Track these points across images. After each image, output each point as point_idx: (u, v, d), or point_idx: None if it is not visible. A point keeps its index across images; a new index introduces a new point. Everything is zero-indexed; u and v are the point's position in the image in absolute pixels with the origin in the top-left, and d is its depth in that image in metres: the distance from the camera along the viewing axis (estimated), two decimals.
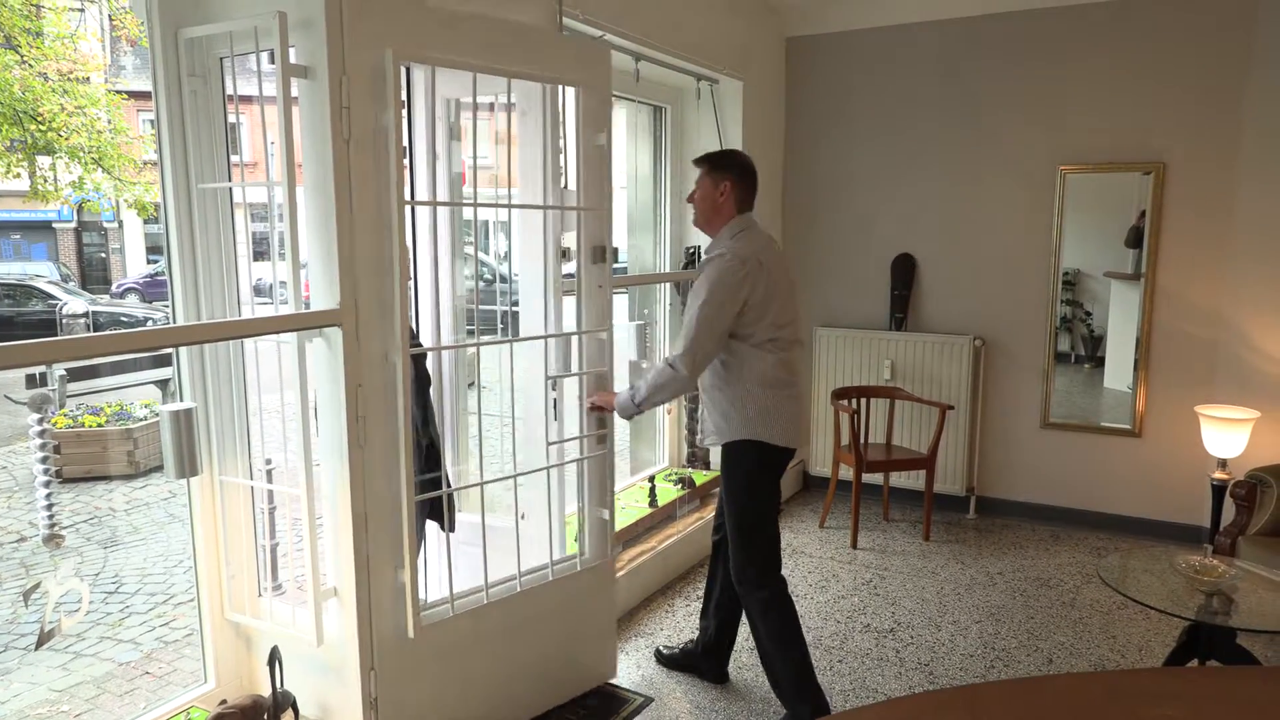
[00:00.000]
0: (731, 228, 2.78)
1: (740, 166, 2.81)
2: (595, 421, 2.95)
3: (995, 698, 1.12)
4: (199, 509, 2.56)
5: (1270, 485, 3.47)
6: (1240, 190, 4.19)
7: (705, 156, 2.87)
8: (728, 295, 2.64)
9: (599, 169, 2.87)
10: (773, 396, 2.72)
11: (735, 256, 2.67)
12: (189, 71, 2.38)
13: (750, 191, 2.82)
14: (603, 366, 2.93)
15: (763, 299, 2.68)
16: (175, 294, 2.44)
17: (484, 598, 2.65)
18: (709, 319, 2.65)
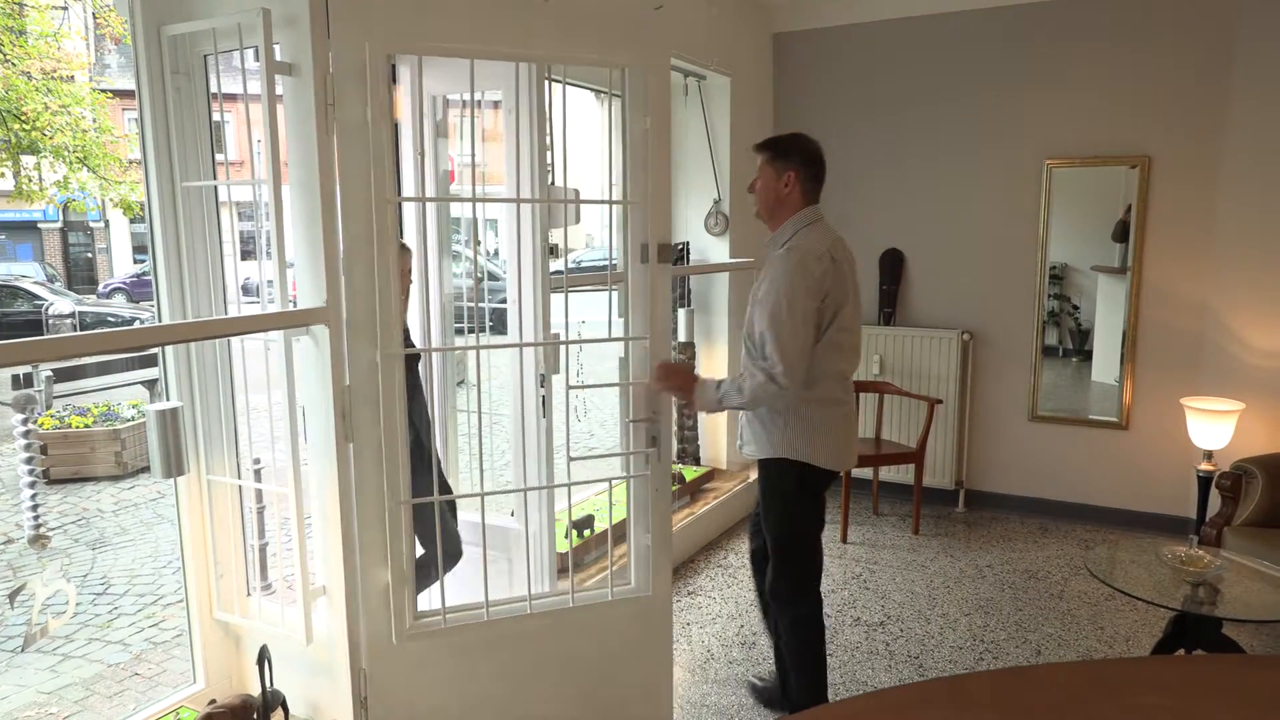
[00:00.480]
0: (797, 221, 2.55)
1: (806, 154, 2.56)
2: (645, 437, 2.56)
3: (980, 688, 1.13)
4: (186, 509, 2.55)
5: (1255, 476, 3.49)
6: (1223, 184, 4.22)
7: (767, 143, 2.63)
8: (807, 294, 2.40)
9: (644, 158, 2.47)
10: (821, 413, 2.51)
11: (807, 252, 2.44)
12: (173, 69, 2.37)
13: (818, 181, 2.58)
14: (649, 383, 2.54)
15: (835, 300, 2.45)
16: (160, 293, 2.43)
17: (484, 614, 2.46)
18: (799, 320, 2.39)
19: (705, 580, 4.00)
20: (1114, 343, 4.60)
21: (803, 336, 2.39)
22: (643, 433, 2.57)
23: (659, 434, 2.58)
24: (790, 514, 2.62)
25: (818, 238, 2.50)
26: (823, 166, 2.58)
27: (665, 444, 2.59)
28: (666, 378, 2.50)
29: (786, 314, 2.38)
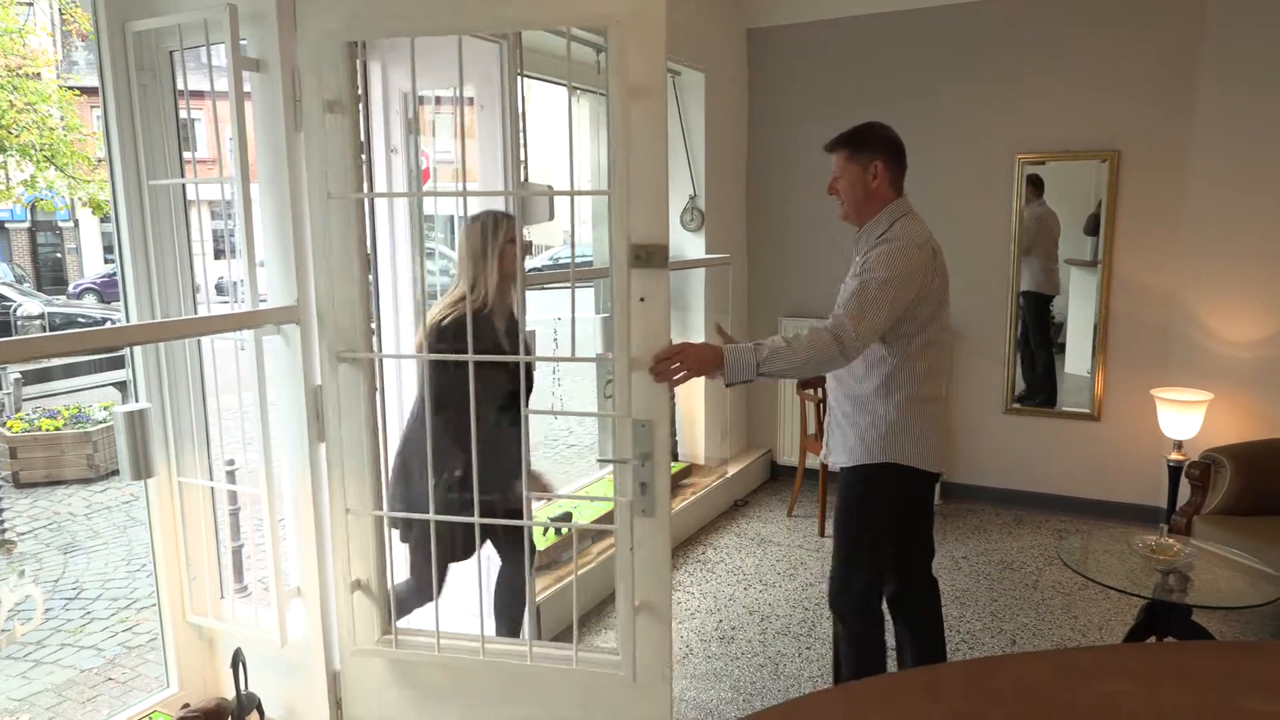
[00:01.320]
0: (891, 211, 2.38)
1: (888, 141, 2.43)
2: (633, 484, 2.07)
3: (951, 679, 1.14)
4: (157, 511, 2.52)
5: (1223, 465, 3.55)
6: (1191, 177, 4.28)
7: (842, 139, 2.44)
8: (908, 280, 2.24)
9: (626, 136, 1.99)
10: (925, 411, 2.37)
11: (910, 242, 2.29)
12: (138, 65, 2.34)
13: (903, 169, 2.46)
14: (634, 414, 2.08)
15: (931, 291, 2.32)
16: (128, 293, 2.40)
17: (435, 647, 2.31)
18: (890, 298, 2.20)
19: (684, 576, 4.01)
20: (1086, 335, 4.65)
21: (885, 316, 2.21)
22: (628, 476, 2.07)
23: (651, 479, 2.07)
24: (871, 522, 2.43)
25: (919, 228, 2.36)
26: (904, 153, 2.46)
27: (662, 492, 2.09)
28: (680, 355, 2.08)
29: (876, 289, 2.20)
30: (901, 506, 2.46)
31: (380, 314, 3.11)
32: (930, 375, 2.37)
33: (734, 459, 5.11)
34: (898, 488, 2.41)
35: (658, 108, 1.99)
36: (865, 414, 2.38)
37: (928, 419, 2.38)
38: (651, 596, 2.14)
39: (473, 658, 2.28)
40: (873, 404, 2.37)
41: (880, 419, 2.36)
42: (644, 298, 2.05)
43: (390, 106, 2.88)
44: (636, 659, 2.14)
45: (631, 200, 2.01)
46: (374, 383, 2.28)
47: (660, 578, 2.15)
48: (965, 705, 1.06)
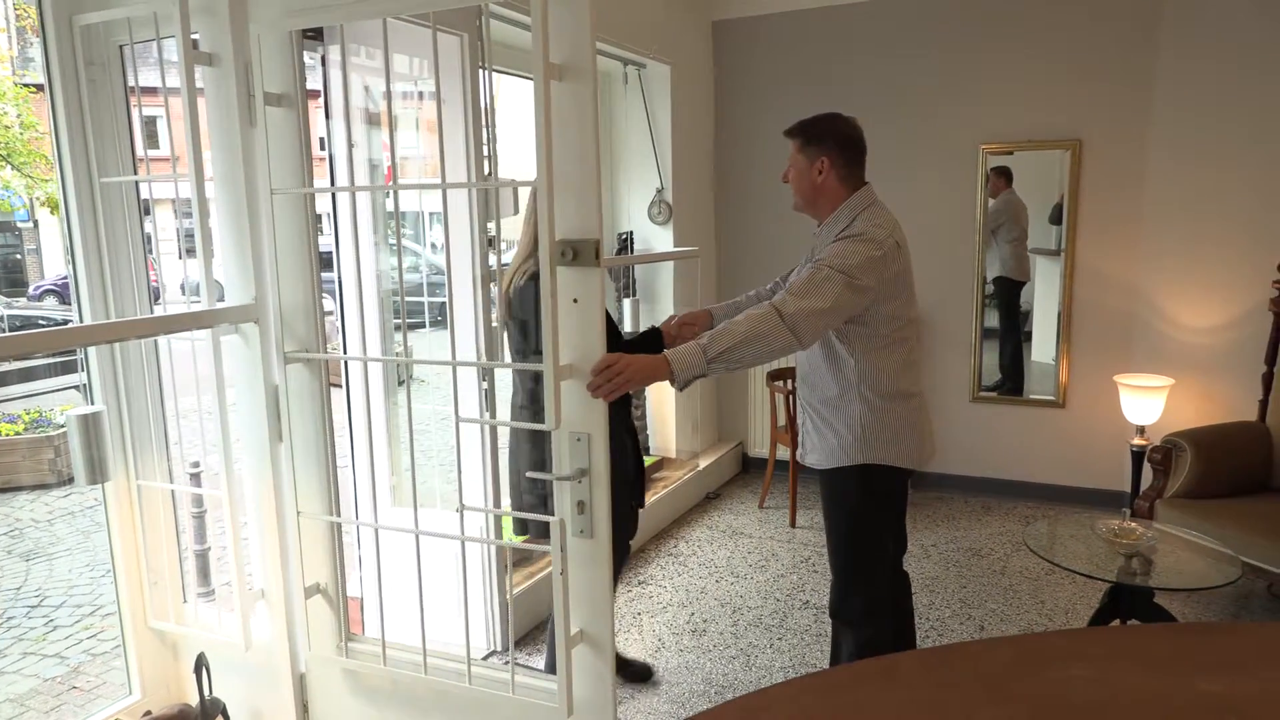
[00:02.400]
0: (852, 205, 2.31)
1: (840, 137, 2.32)
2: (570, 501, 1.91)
3: (911, 667, 1.14)
4: (116, 515, 2.47)
5: (1184, 450, 3.60)
6: (1150, 166, 4.33)
7: (795, 128, 2.35)
8: (861, 273, 2.14)
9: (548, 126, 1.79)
10: (901, 408, 2.30)
11: (868, 239, 2.19)
12: (86, 60, 2.28)
13: (856, 164, 2.35)
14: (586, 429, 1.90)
15: (895, 285, 2.23)
16: (81, 294, 2.35)
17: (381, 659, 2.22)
18: (839, 286, 2.10)
19: (655, 569, 4.01)
20: (1051, 323, 4.70)
21: (830, 301, 2.09)
22: (566, 495, 1.91)
23: (589, 497, 1.90)
24: (866, 525, 2.38)
25: (882, 220, 2.26)
26: (860, 148, 2.36)
27: (601, 511, 1.90)
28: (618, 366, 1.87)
29: (825, 275, 2.12)
30: (888, 506, 2.41)
31: (344, 310, 3.08)
32: (902, 372, 2.30)
33: (705, 452, 5.12)
34: (881, 489, 2.35)
35: (585, 89, 1.78)
36: (838, 415, 2.31)
37: (903, 417, 2.30)
38: (591, 626, 1.97)
39: (415, 674, 2.18)
40: (845, 405, 2.30)
41: (854, 420, 2.29)
42: (576, 299, 1.85)
43: (350, 100, 2.84)
44: (574, 693, 1.97)
45: (556, 191, 1.80)
46: (325, 384, 2.25)
47: (601, 605, 1.95)
48: (923, 693, 1.06)
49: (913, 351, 2.36)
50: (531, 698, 2.06)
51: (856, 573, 2.39)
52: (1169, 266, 4.33)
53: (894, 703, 1.04)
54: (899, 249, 2.25)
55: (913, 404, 2.34)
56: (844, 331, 2.26)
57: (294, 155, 2.13)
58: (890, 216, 2.32)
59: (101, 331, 2.05)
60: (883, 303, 2.23)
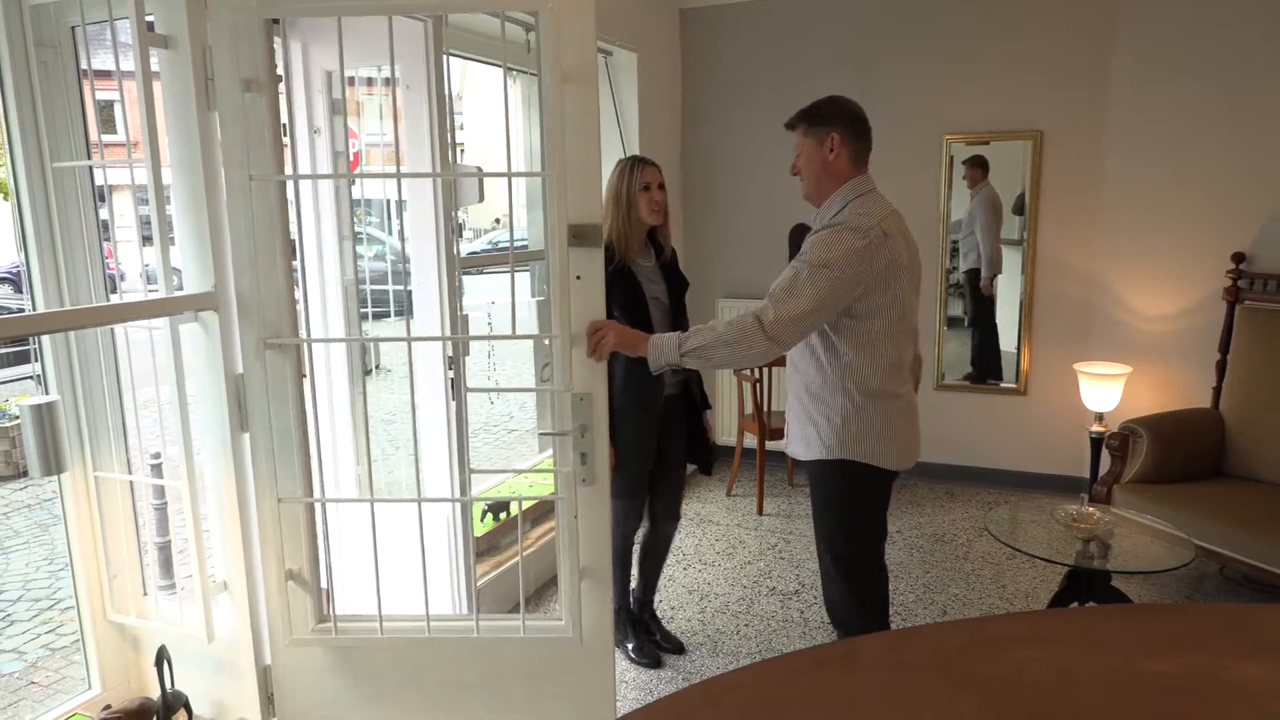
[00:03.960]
0: (845, 192, 2.25)
1: (847, 114, 2.27)
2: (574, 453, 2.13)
3: (869, 650, 1.15)
4: (73, 507, 2.43)
5: (1140, 436, 3.68)
6: (1109, 157, 4.40)
7: (799, 115, 2.32)
8: (844, 265, 2.10)
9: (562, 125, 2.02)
10: (882, 407, 2.24)
11: (852, 227, 2.14)
12: (37, 41, 2.22)
13: (865, 144, 2.29)
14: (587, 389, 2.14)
15: (883, 277, 2.15)
16: (34, 282, 2.30)
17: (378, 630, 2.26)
18: (821, 284, 2.09)
19: None
20: (1014, 313, 4.77)
21: (811, 302, 2.09)
22: (568, 449, 2.14)
23: (591, 450, 2.14)
24: (852, 524, 2.35)
25: (874, 209, 2.20)
26: (867, 127, 2.30)
27: (601, 461, 2.16)
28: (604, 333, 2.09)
29: (807, 274, 2.11)
30: (879, 507, 2.37)
31: (307, 299, 3.04)
32: (891, 372, 2.24)
33: None
34: (871, 487, 2.31)
35: (590, 92, 2.05)
36: (821, 408, 2.28)
37: (886, 416, 2.24)
38: (593, 562, 2.22)
39: (419, 636, 2.26)
40: (828, 398, 2.26)
41: (835, 414, 2.25)
42: (580, 276, 2.10)
43: (312, 85, 2.80)
44: (583, 622, 2.20)
45: (568, 182, 2.05)
46: (300, 369, 2.22)
47: (601, 544, 2.22)
48: (880, 675, 1.08)
49: (907, 350, 2.29)
50: (542, 635, 2.25)
51: (848, 573, 2.37)
52: (1127, 256, 4.41)
53: (853, 686, 1.05)
54: (887, 238, 2.16)
55: (898, 404, 2.27)
56: (837, 324, 2.21)
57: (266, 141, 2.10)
58: (883, 206, 2.26)
59: (53, 320, 2.01)
60: (875, 293, 2.16)
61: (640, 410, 2.84)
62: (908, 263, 2.24)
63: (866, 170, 2.31)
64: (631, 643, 3.16)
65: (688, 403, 3.06)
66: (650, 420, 2.88)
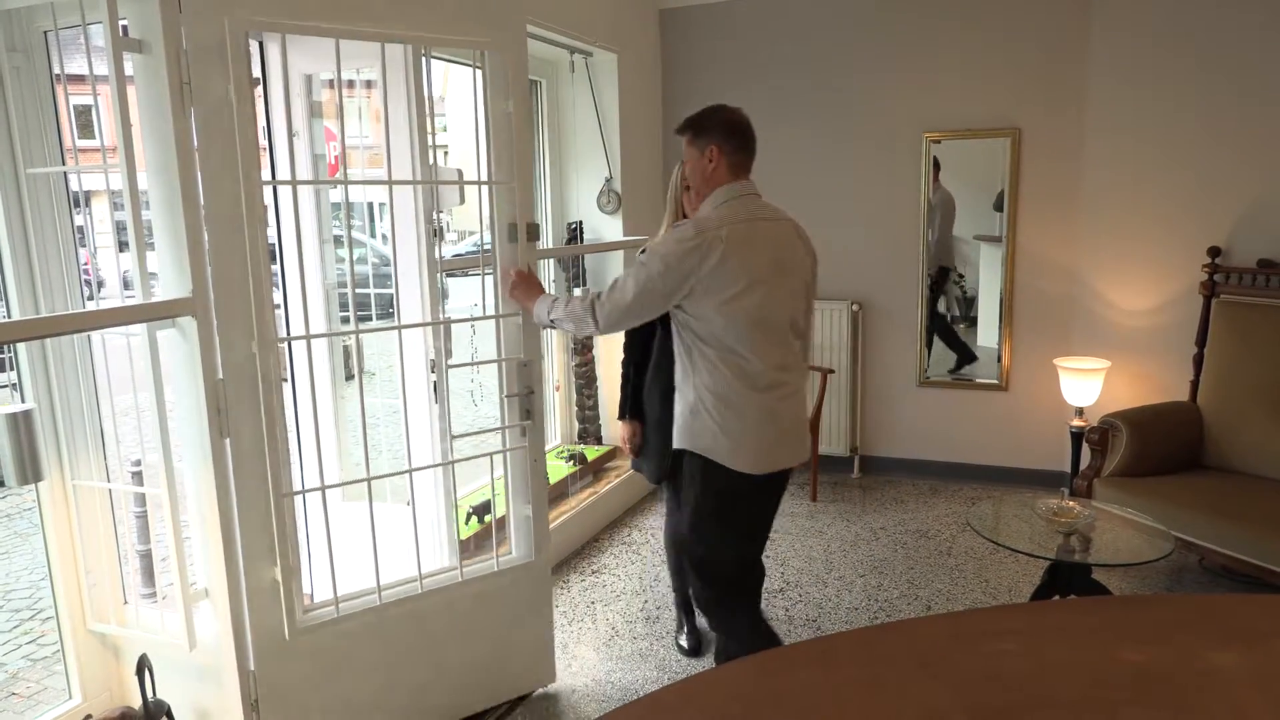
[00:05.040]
0: (716, 196, 2.28)
1: (726, 125, 2.32)
2: (519, 410, 2.69)
3: (848, 646, 1.16)
4: (51, 516, 2.41)
5: (1120, 430, 3.71)
6: (1086, 155, 4.44)
7: (685, 122, 2.38)
8: (668, 265, 2.16)
9: (508, 138, 2.58)
10: (725, 408, 2.23)
11: (693, 227, 2.19)
12: (9, 46, 2.20)
13: (745, 154, 2.33)
14: (522, 356, 2.67)
15: (719, 279, 2.15)
16: (8, 288, 2.28)
17: (377, 599, 2.49)
18: (644, 282, 2.18)
19: (610, 558, 4.02)
20: (994, 308, 4.80)
21: (632, 294, 2.19)
22: (517, 406, 2.71)
23: (533, 406, 2.74)
24: (708, 522, 2.35)
25: (726, 214, 2.22)
26: (749, 136, 2.34)
27: (539, 416, 2.75)
28: (519, 284, 2.54)
29: (637, 266, 2.23)
30: (731, 507, 2.34)
31: (288, 303, 3.03)
32: (733, 374, 2.22)
33: None
34: (713, 480, 2.30)
35: (527, 113, 2.65)
36: (679, 398, 2.35)
37: (738, 418, 2.23)
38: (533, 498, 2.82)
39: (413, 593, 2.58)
40: (684, 390, 2.33)
41: (685, 407, 2.32)
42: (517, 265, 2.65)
43: (290, 89, 2.78)
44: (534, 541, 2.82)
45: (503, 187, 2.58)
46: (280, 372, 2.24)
47: (540, 489, 2.84)
48: (859, 671, 1.08)
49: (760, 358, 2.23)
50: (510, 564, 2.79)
51: (704, 565, 2.41)
52: (1105, 252, 4.45)
53: (831, 682, 1.06)
54: (724, 242, 2.15)
55: (748, 408, 2.24)
56: (680, 320, 2.28)
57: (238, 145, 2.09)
58: (750, 212, 2.26)
59: (28, 327, 1.99)
60: (711, 295, 2.16)
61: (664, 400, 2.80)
62: (771, 273, 2.22)
63: (747, 177, 2.34)
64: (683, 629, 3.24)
65: None
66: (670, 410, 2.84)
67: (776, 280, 2.24)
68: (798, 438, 2.39)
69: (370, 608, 2.48)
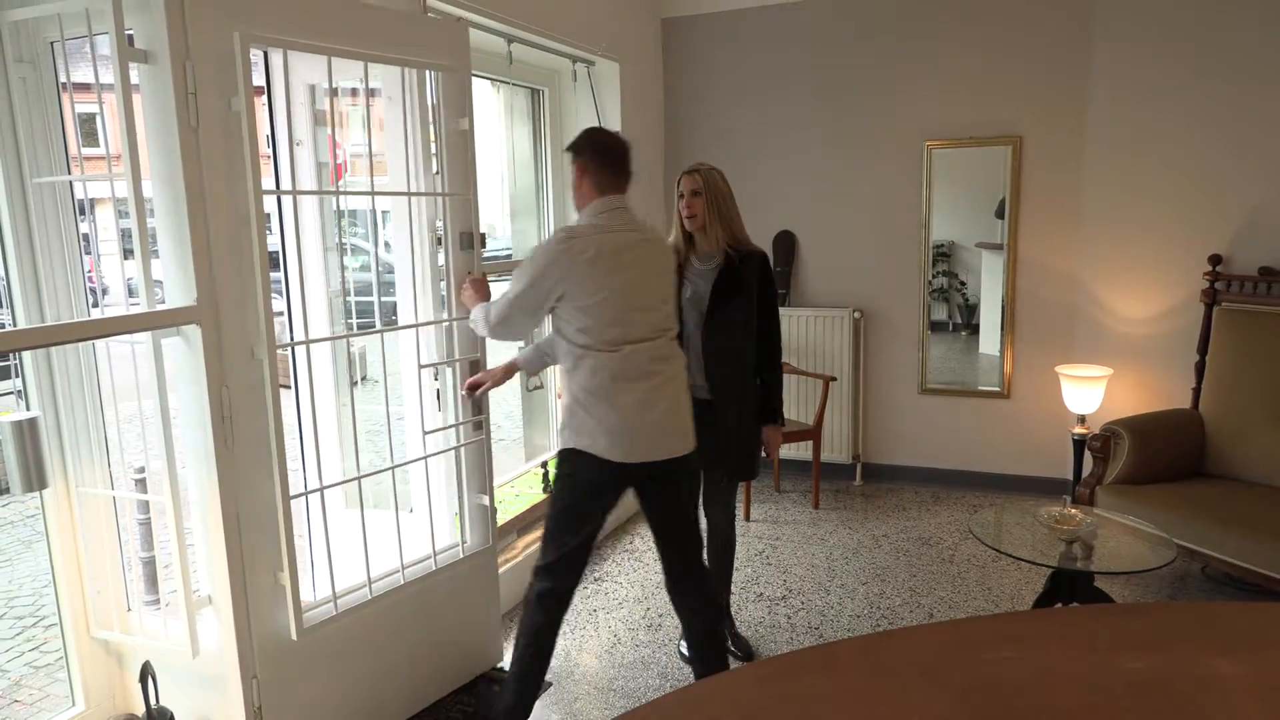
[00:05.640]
0: (587, 211, 2.47)
1: (594, 145, 2.49)
2: (473, 407, 2.92)
3: (849, 653, 1.16)
4: (55, 523, 2.41)
5: (1122, 437, 3.71)
6: (1087, 163, 4.45)
7: (570, 142, 2.59)
8: (537, 269, 2.36)
9: (462, 153, 2.84)
10: (600, 405, 2.38)
11: (564, 231, 2.41)
12: (16, 57, 2.22)
13: (608, 171, 2.46)
14: (476, 354, 2.91)
15: (584, 285, 2.34)
16: (14, 297, 2.29)
17: (367, 593, 2.61)
18: (517, 288, 2.40)
19: (611, 566, 4.02)
20: (996, 316, 4.81)
21: (506, 299, 2.43)
22: (469, 403, 2.93)
23: (484, 401, 2.97)
24: (560, 506, 2.51)
25: (592, 223, 2.42)
26: (615, 155, 2.48)
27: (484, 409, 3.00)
28: (469, 288, 2.74)
29: (520, 278, 2.42)
30: (591, 495, 2.47)
31: (291, 311, 3.04)
32: (595, 369, 2.37)
33: None
34: (584, 476, 2.43)
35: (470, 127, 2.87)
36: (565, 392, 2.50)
37: (601, 413, 2.37)
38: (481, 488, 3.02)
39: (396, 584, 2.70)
40: (565, 388, 2.48)
41: (566, 405, 2.46)
42: (471, 271, 2.89)
43: (294, 98, 2.80)
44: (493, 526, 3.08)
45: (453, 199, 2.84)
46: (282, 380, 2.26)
47: (484, 473, 3.02)
48: (860, 679, 1.08)
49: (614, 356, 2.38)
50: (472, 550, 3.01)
51: (548, 539, 2.54)
52: (1107, 260, 4.45)
53: (832, 689, 1.06)
54: (580, 252, 2.33)
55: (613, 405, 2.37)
56: (555, 324, 2.47)
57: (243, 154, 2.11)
58: (609, 223, 2.42)
59: (33, 336, 2.00)
60: (574, 299, 2.35)
61: None
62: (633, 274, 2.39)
63: (619, 194, 2.48)
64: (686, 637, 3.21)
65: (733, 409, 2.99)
66: None
67: (639, 281, 2.43)
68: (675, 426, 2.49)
69: (363, 601, 2.60)
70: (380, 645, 2.72)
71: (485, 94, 4.40)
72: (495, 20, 3.53)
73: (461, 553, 2.95)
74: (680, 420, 2.51)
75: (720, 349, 2.93)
